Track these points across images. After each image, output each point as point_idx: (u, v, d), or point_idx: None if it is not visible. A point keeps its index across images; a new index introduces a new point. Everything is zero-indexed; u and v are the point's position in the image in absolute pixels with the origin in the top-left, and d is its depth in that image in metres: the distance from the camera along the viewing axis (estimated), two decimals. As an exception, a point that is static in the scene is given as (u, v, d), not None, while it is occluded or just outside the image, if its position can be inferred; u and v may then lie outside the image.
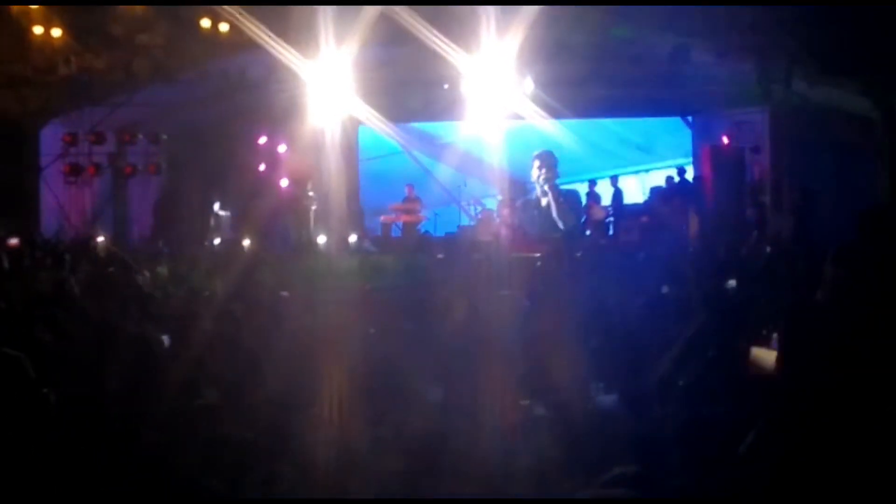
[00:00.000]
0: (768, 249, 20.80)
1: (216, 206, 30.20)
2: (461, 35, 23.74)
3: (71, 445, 7.19)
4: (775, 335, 7.41)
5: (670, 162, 32.32)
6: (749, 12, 24.05)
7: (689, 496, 5.10)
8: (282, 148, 31.06)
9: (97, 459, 7.18)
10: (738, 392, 7.18)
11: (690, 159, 32.65)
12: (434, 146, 32.50)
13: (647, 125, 33.26)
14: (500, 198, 28.96)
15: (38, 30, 26.05)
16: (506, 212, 27.98)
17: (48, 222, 28.25)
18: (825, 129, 25.32)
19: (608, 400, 7.80)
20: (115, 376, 9.30)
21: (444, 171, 30.90)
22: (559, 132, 26.74)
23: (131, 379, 9.39)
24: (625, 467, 5.52)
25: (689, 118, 32.98)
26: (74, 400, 8.19)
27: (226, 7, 24.40)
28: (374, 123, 27.39)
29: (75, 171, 29.37)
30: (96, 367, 10.03)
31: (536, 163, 22.30)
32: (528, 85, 25.28)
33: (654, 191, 31.17)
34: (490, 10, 23.22)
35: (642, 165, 33.79)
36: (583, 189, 31.04)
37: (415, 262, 20.20)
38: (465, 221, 30.14)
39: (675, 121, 33.19)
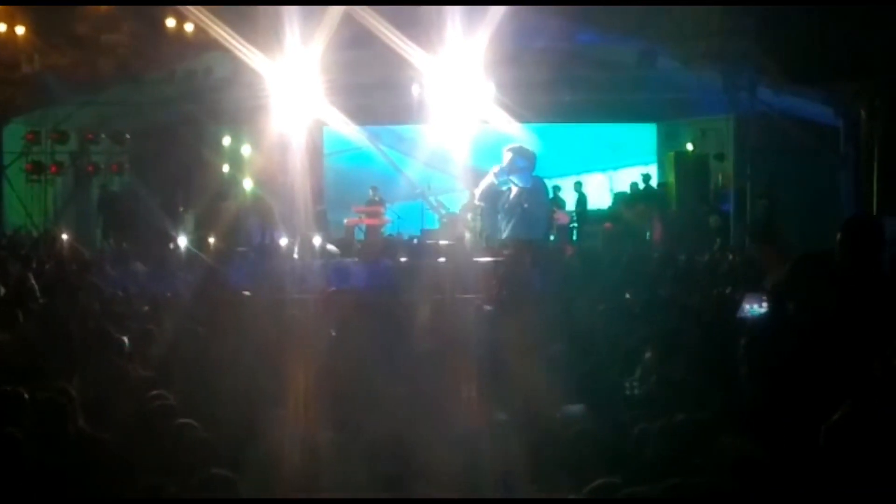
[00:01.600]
0: (731, 257, 20.87)
1: (180, 207, 30.07)
2: (426, 38, 23.73)
3: (30, 447, 7.13)
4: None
5: (636, 165, 32.43)
6: (715, 20, 24.13)
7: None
8: (246, 148, 31.00)
9: (55, 460, 7.13)
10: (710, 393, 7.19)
11: (655, 164, 32.74)
12: (399, 147, 32.46)
13: (613, 130, 33.29)
14: (464, 202, 28.93)
15: (1, 27, 25.90)
16: (469, 216, 27.99)
17: (10, 220, 28.09)
18: (789, 138, 25.38)
19: (572, 405, 7.78)
20: (75, 376, 9.25)
21: (409, 171, 30.89)
22: (524, 136, 26.79)
23: (91, 379, 9.35)
24: (609, 478, 5.53)
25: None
26: (34, 400, 8.13)
27: (191, 7, 24.32)
28: (339, 125, 27.35)
29: (37, 169, 29.21)
30: (55, 366, 9.98)
31: (508, 155, 22.29)
32: (491, 89, 25.30)
33: (618, 196, 31.22)
34: (455, 14, 23.21)
35: (609, 165, 33.74)
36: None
37: (378, 266, 20.18)
38: (430, 224, 30.07)
39: (643, 127, 33.31)
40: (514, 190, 21.96)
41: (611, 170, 33.57)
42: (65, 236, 25.55)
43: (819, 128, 25.51)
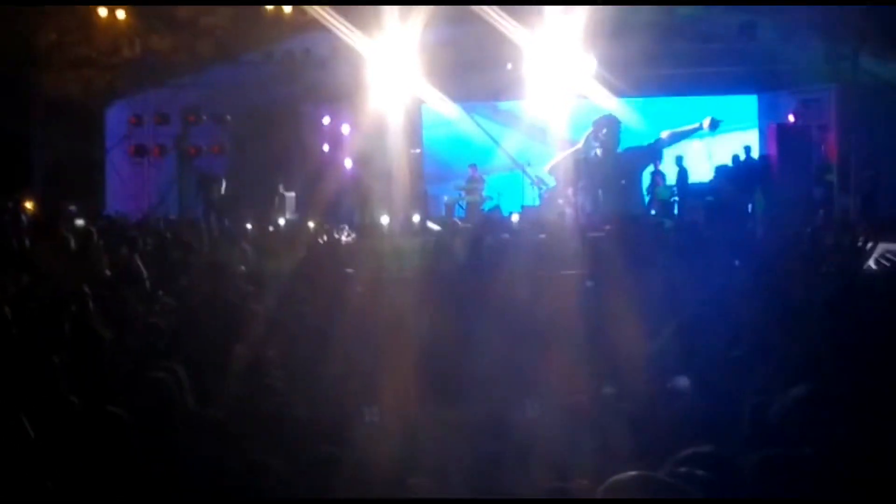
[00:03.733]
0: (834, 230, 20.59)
1: (280, 187, 30.23)
2: (524, 15, 23.69)
3: (137, 423, 7.20)
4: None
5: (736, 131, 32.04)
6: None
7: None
8: (345, 128, 31.11)
9: (164, 437, 7.20)
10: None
11: (756, 133, 32.39)
12: (498, 119, 32.38)
13: (714, 102, 32.94)
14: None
15: (102, 12, 26.20)
16: (570, 191, 27.90)
17: (114, 203, 28.45)
18: (893, 107, 25.04)
19: (678, 381, 7.70)
20: (183, 355, 9.33)
21: (508, 147, 30.93)
22: (624, 110, 26.69)
23: (199, 358, 9.42)
24: (697, 447, 5.45)
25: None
26: (142, 381, 8.21)
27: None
28: (437, 104, 27.40)
29: (140, 152, 29.60)
30: (166, 346, 10.09)
31: (603, 129, 22.15)
32: (592, 63, 25.18)
33: (720, 169, 30.91)
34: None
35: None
36: (648, 168, 30.90)
37: (479, 243, 20.14)
38: (530, 200, 30.06)
39: (743, 98, 32.96)
40: (601, 158, 21.85)
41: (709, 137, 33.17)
42: (169, 218, 25.80)
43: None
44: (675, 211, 29.62)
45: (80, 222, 21.99)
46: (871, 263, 9.29)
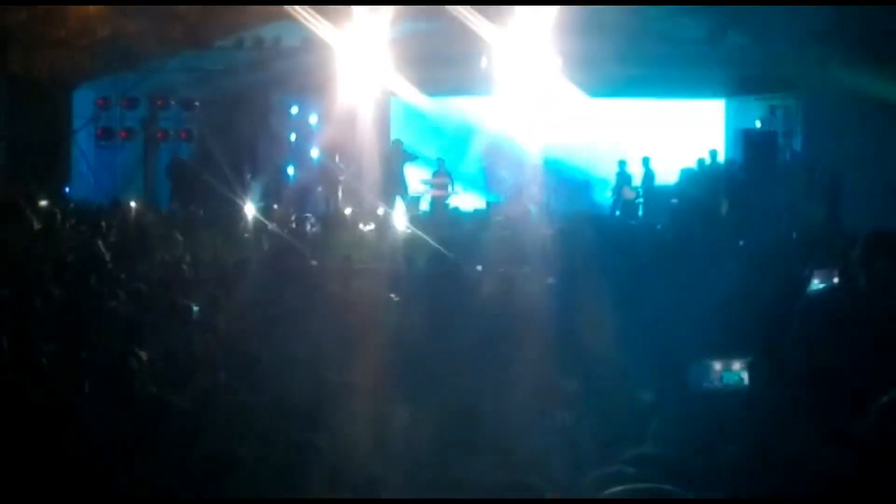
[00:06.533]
0: (794, 235, 20.72)
1: (248, 176, 30.19)
2: (494, 11, 23.73)
3: (102, 413, 7.20)
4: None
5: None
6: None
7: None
8: (313, 118, 31.07)
9: (128, 427, 7.19)
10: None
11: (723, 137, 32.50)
12: (466, 118, 32.38)
13: (681, 105, 33.06)
14: (530, 175, 28.98)
15: (74, -7, 26.07)
16: (535, 189, 28.01)
17: (79, 185, 28.33)
18: (859, 116, 25.16)
19: (639, 377, 7.77)
20: (146, 342, 9.33)
21: (474, 147, 30.92)
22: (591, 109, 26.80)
23: (162, 345, 9.43)
24: (642, 448, 5.55)
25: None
26: (105, 365, 8.21)
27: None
28: (407, 96, 27.41)
29: (107, 135, 29.47)
30: (126, 332, 10.07)
31: None
32: (559, 61, 25.23)
33: (685, 173, 31.06)
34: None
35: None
36: (614, 170, 31.06)
37: (444, 238, 20.19)
38: (495, 197, 30.13)
39: (711, 103, 33.05)
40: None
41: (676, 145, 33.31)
42: (133, 203, 25.71)
43: (890, 106, 25.26)
44: (640, 212, 29.79)
45: (44, 203, 21.92)
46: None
